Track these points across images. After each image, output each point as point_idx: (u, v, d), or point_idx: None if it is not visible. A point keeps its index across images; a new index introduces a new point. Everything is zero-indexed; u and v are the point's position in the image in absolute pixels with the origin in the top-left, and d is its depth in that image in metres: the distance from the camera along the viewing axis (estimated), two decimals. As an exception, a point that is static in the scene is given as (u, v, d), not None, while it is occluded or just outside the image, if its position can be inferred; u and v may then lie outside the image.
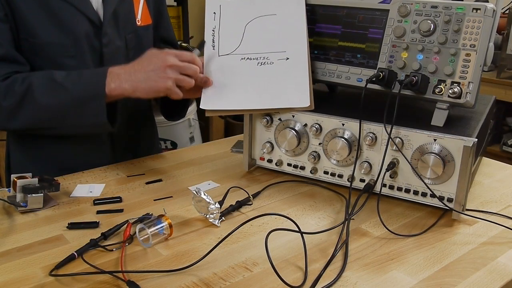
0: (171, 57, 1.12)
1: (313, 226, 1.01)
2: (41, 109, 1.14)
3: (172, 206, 1.08)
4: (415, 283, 0.83)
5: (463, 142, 0.99)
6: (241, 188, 1.15)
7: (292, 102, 1.15)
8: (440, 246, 0.95)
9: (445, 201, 1.04)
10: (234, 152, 1.43)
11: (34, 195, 1.04)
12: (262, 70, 1.17)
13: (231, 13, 1.21)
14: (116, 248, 0.92)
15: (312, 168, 1.18)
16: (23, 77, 1.15)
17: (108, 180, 1.22)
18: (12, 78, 1.15)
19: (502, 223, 1.01)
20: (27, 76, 1.15)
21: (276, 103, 1.17)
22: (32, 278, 0.83)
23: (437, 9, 1.04)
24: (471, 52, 1.02)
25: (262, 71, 1.17)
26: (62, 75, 1.15)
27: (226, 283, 0.82)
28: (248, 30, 1.19)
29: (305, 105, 1.14)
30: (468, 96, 1.02)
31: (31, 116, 1.15)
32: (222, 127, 3.54)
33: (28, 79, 1.14)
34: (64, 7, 1.18)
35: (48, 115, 1.16)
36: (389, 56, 1.10)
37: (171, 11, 3.33)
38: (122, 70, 1.14)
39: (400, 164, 1.07)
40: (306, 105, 1.14)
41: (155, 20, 1.41)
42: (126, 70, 1.14)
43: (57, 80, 1.14)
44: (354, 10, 1.14)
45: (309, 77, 1.15)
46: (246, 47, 1.19)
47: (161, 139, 2.70)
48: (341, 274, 0.85)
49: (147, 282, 0.82)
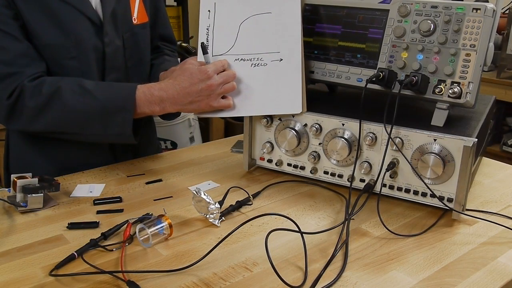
0: (214, 76, 1.14)
1: (313, 226, 1.01)
2: (67, 113, 1.14)
3: (172, 206, 1.08)
4: (415, 283, 0.83)
5: (463, 142, 0.99)
6: (241, 188, 1.15)
7: (284, 109, 1.16)
8: (440, 246, 0.95)
9: (445, 201, 1.04)
10: (234, 152, 1.43)
11: (34, 195, 1.04)
12: (256, 73, 1.17)
13: (225, 11, 1.20)
14: (116, 248, 0.92)
15: (312, 168, 1.18)
16: (52, 80, 1.15)
17: (108, 180, 1.22)
18: (40, 80, 1.15)
19: (502, 223, 1.01)
20: (57, 80, 1.16)
21: (268, 109, 1.17)
22: (32, 278, 0.83)
23: (437, 9, 1.04)
24: (471, 52, 1.02)
25: (256, 73, 1.17)
26: (92, 84, 1.16)
27: (226, 283, 0.82)
28: (243, 29, 1.19)
29: (297, 111, 1.15)
30: (468, 96, 1.02)
31: (56, 118, 1.15)
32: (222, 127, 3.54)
33: (57, 83, 1.14)
34: (64, 7, 1.18)
35: (73, 120, 1.16)
36: (389, 56, 1.10)
37: (171, 11, 3.33)
38: (164, 93, 1.15)
39: (400, 164, 1.07)
40: (298, 111, 1.14)
41: (152, 17, 1.41)
42: (169, 93, 1.14)
43: (86, 87, 1.15)
44: (354, 10, 1.14)
45: (302, 79, 1.15)
46: (240, 47, 1.18)
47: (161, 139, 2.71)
48: (341, 274, 0.85)
49: (147, 282, 0.82)
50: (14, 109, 1.15)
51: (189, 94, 1.14)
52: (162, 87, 1.16)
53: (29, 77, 1.14)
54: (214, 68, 1.15)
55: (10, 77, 1.13)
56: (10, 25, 1.14)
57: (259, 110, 1.18)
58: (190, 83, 1.14)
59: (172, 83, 1.16)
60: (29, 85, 1.13)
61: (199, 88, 1.14)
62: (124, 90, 1.17)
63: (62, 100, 1.13)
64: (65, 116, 1.15)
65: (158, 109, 1.16)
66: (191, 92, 1.14)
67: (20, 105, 1.14)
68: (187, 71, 1.16)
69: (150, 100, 1.15)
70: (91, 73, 1.24)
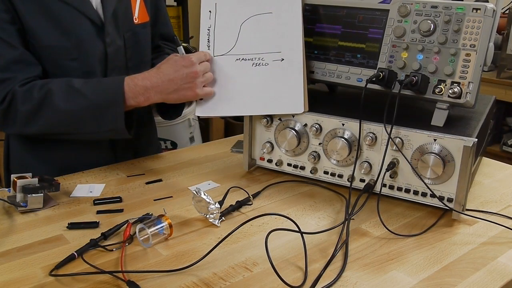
0: (196, 63, 1.14)
1: (313, 226, 1.01)
2: (59, 115, 1.14)
3: (172, 206, 1.08)
4: (415, 283, 0.83)
5: (463, 142, 0.99)
6: (241, 188, 1.15)
7: (286, 108, 1.16)
8: (440, 246, 0.95)
9: (445, 201, 1.04)
10: (234, 152, 1.43)
11: (34, 195, 1.04)
12: (257, 72, 1.17)
13: (226, 11, 1.20)
14: (116, 248, 0.92)
15: (312, 168, 1.18)
16: (42, 84, 1.15)
17: (108, 180, 1.22)
18: (31, 84, 1.15)
19: (502, 223, 1.01)
20: (46, 83, 1.16)
21: (270, 109, 1.17)
22: (32, 278, 0.83)
23: (437, 9, 1.04)
24: (471, 52, 1.02)
25: (257, 73, 1.17)
26: (81, 82, 1.16)
27: (226, 283, 0.82)
28: (244, 29, 1.19)
29: (299, 111, 1.15)
30: (468, 96, 1.02)
31: (49, 121, 1.15)
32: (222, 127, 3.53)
33: (47, 86, 1.14)
34: (65, 9, 1.18)
35: (66, 121, 1.16)
36: (389, 56, 1.10)
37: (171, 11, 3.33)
38: (148, 81, 1.15)
39: (400, 164, 1.07)
40: (300, 111, 1.14)
41: (153, 16, 1.41)
42: (153, 82, 1.14)
43: (75, 86, 1.15)
44: (354, 10, 1.14)
45: (303, 79, 1.15)
46: (241, 47, 1.19)
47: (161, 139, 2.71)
48: (341, 274, 0.85)
49: (147, 282, 0.82)
50: (7, 115, 1.15)
51: (173, 81, 1.14)
52: (146, 76, 1.16)
53: (21, 82, 1.15)
54: (197, 56, 1.15)
55: (2, 83, 1.14)
56: (6, 30, 1.14)
57: (260, 109, 1.18)
58: (174, 70, 1.14)
59: (155, 72, 1.16)
60: (20, 90, 1.14)
61: (183, 74, 1.13)
62: (111, 84, 1.16)
63: (53, 102, 1.13)
64: (57, 117, 1.15)
65: (143, 99, 1.15)
66: (175, 78, 1.14)
67: (13, 110, 1.14)
68: (171, 60, 1.16)
69: (134, 91, 1.14)
70: (94, 74, 1.24)
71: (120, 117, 1.15)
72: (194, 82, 1.14)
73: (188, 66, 1.14)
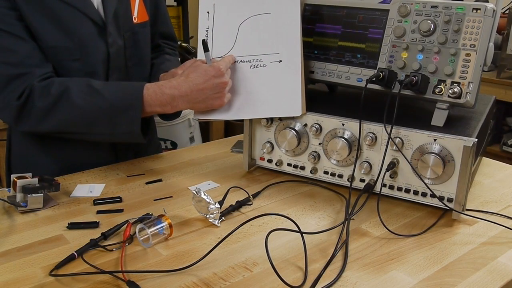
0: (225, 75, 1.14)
1: (313, 226, 1.01)
2: (75, 112, 1.14)
3: (172, 206, 1.08)
4: (415, 283, 0.83)
5: (463, 142, 0.99)
6: (241, 188, 1.15)
7: (284, 111, 1.16)
8: (440, 246, 0.95)
9: (445, 201, 1.04)
10: (234, 152, 1.43)
11: (34, 195, 1.04)
12: (255, 74, 1.17)
13: (224, 12, 1.19)
14: (116, 248, 0.92)
15: (312, 168, 1.18)
16: (60, 81, 1.15)
17: (108, 180, 1.22)
18: (49, 80, 1.15)
19: (502, 223, 1.01)
20: (65, 80, 1.15)
21: (268, 112, 1.17)
22: (32, 278, 0.83)
23: (437, 9, 1.04)
24: (471, 52, 1.02)
25: (255, 75, 1.17)
26: (100, 84, 1.16)
27: (226, 283, 0.82)
28: (242, 31, 1.18)
29: (296, 114, 1.14)
30: (468, 96, 1.02)
31: (64, 118, 1.15)
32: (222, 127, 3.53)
33: (65, 83, 1.14)
34: (66, 9, 1.18)
35: (81, 119, 1.15)
36: (389, 56, 1.10)
37: (171, 11, 3.33)
38: (176, 91, 1.14)
39: (400, 164, 1.07)
40: (298, 114, 1.14)
41: (152, 15, 1.41)
42: (182, 91, 1.14)
43: (94, 86, 1.15)
44: (354, 10, 1.14)
45: (301, 81, 1.14)
46: (239, 49, 1.18)
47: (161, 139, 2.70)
48: (341, 274, 0.85)
49: (147, 282, 0.82)
50: (23, 110, 1.14)
51: (202, 91, 1.13)
52: (174, 85, 1.14)
53: (39, 78, 1.14)
54: (225, 65, 1.15)
55: (19, 78, 1.13)
56: (16, 26, 1.14)
57: (258, 113, 1.17)
58: (204, 79, 1.13)
59: (184, 80, 1.14)
60: (38, 85, 1.13)
61: (213, 84, 1.13)
62: (131, 88, 1.16)
63: (70, 100, 1.13)
64: (73, 115, 1.15)
65: (170, 107, 1.15)
66: (205, 88, 1.13)
67: (30, 106, 1.14)
68: (200, 68, 1.15)
69: (161, 99, 1.14)
70: (96, 74, 1.24)
71: (136, 121, 1.15)
72: (222, 92, 1.14)
73: (218, 77, 1.13)
